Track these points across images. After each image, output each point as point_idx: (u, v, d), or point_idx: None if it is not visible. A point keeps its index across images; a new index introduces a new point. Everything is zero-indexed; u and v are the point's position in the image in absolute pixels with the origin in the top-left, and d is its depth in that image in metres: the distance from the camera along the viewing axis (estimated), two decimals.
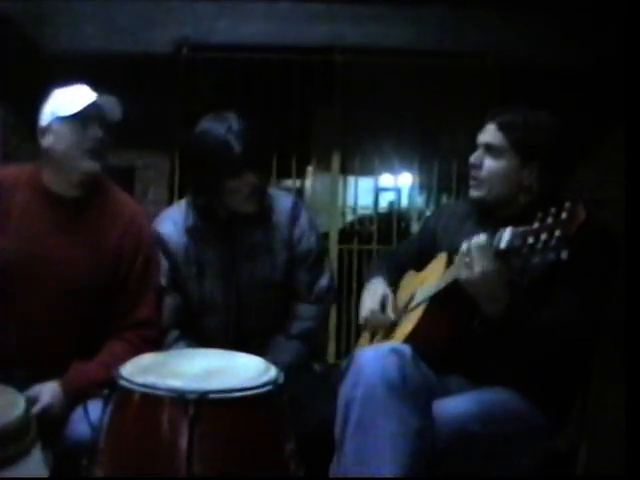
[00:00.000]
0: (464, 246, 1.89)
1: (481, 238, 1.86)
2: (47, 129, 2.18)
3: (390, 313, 2.27)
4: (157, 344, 2.24)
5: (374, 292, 2.37)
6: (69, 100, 2.17)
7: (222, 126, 2.30)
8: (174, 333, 2.41)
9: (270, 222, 2.44)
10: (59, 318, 2.16)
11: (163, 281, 2.39)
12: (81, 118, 2.15)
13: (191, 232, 2.43)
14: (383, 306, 2.30)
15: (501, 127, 2.08)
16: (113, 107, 2.21)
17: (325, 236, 5.18)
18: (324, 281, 2.50)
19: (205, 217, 2.43)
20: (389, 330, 2.27)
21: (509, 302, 1.87)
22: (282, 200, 2.50)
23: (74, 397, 2.04)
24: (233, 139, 2.27)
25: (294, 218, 2.47)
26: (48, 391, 2.01)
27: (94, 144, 2.16)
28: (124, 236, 2.23)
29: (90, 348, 2.15)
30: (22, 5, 4.27)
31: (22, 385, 1.96)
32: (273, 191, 2.53)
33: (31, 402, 1.88)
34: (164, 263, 2.41)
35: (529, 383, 2.00)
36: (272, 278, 2.44)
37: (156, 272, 2.33)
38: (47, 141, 2.18)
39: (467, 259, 1.87)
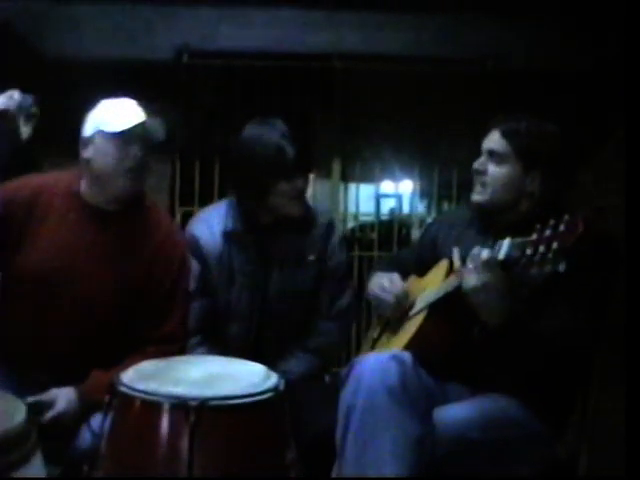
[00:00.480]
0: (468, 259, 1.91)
1: (483, 250, 1.87)
2: (89, 141, 2.17)
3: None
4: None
5: (381, 278, 2.36)
6: (116, 116, 2.15)
7: (274, 131, 2.32)
8: (195, 338, 2.39)
9: (308, 234, 2.46)
10: (83, 327, 2.17)
11: (192, 285, 2.36)
12: (126, 136, 2.14)
13: (229, 237, 2.42)
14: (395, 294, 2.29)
15: (505, 134, 2.09)
16: (158, 128, 2.21)
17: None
18: (346, 299, 2.52)
19: (246, 223, 2.43)
20: (395, 331, 2.26)
21: (509, 312, 1.88)
22: (322, 214, 2.52)
23: (89, 405, 2.03)
24: (287, 144, 2.29)
25: (329, 233, 2.50)
26: (64, 397, 2.02)
27: (135, 163, 2.15)
28: (156, 256, 2.23)
29: (113, 359, 2.14)
30: (22, 10, 4.27)
31: (39, 388, 1.97)
32: (313, 204, 2.55)
33: (47, 405, 1.89)
34: (195, 267, 2.39)
35: (528, 390, 2.01)
36: (300, 291, 2.45)
37: (185, 288, 2.31)
38: (88, 153, 2.17)
39: (468, 270, 1.88)
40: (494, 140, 2.12)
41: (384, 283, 2.31)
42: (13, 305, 2.21)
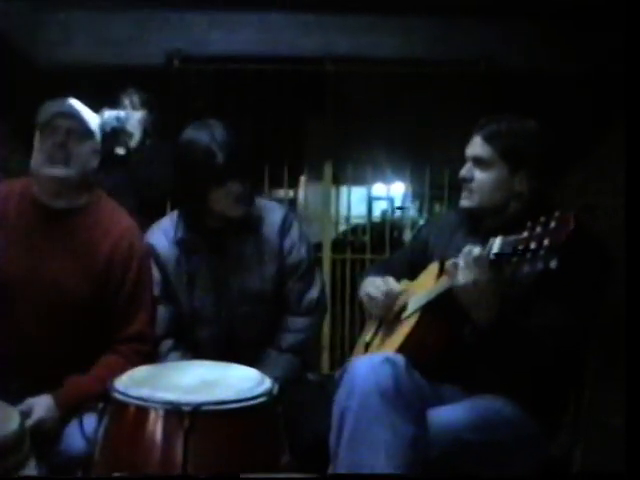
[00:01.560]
0: (458, 257, 1.91)
1: (474, 248, 1.88)
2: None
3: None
4: (151, 358, 2.23)
5: (375, 280, 2.37)
6: (42, 112, 2.20)
7: (206, 135, 2.30)
8: (168, 343, 2.40)
9: (260, 233, 2.45)
10: (50, 330, 2.16)
11: (156, 291, 2.39)
12: (45, 126, 2.18)
13: (181, 244, 2.43)
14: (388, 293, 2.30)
15: (487, 138, 2.10)
16: (89, 119, 2.23)
17: (318, 246, 5.17)
18: (314, 293, 2.50)
19: (194, 228, 2.43)
20: (387, 334, 2.27)
21: (500, 310, 1.88)
22: (273, 211, 2.50)
23: (68, 410, 2.04)
24: (217, 148, 2.27)
25: (285, 229, 2.48)
26: (41, 405, 2.01)
27: (54, 151, 2.17)
28: (114, 252, 2.24)
29: (85, 360, 2.15)
30: (14, 17, 4.27)
31: (17, 397, 1.96)
32: (264, 202, 2.54)
33: (24, 415, 1.89)
34: (156, 274, 2.41)
35: (521, 390, 2.01)
36: (262, 290, 2.44)
37: (149, 288, 2.33)
38: None
39: (459, 268, 1.88)
40: (477, 146, 2.12)
41: (377, 283, 2.32)
42: None
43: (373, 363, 1.88)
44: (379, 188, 5.88)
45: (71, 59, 4.90)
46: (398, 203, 5.85)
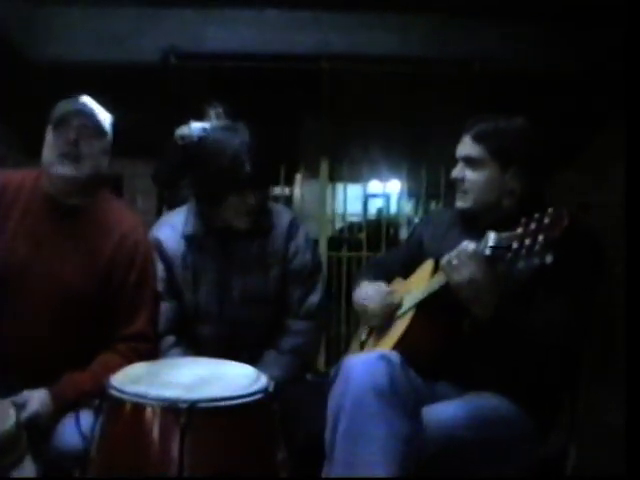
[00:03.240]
0: (452, 252, 1.91)
1: (469, 245, 1.88)
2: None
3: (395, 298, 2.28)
4: (152, 357, 2.23)
5: (368, 289, 2.37)
6: (56, 109, 2.19)
7: (237, 140, 2.32)
8: (169, 339, 2.40)
9: (267, 236, 2.45)
10: (51, 325, 2.16)
11: (159, 287, 2.38)
12: (58, 123, 2.17)
13: (189, 239, 2.43)
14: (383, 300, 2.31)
15: (476, 138, 2.11)
16: (100, 116, 2.22)
17: (314, 244, 5.18)
18: (315, 297, 2.49)
19: (204, 226, 2.43)
20: (382, 332, 2.27)
21: (497, 306, 1.89)
22: (281, 215, 2.51)
23: (63, 406, 2.03)
24: (245, 157, 2.28)
25: (291, 234, 2.48)
26: (37, 398, 2.00)
27: (68, 149, 2.15)
28: (118, 249, 2.23)
29: (84, 357, 2.15)
30: (10, 14, 4.27)
31: (14, 391, 1.96)
32: (273, 206, 2.55)
33: (19, 407, 1.88)
34: (160, 268, 2.40)
35: (517, 388, 2.01)
36: (265, 292, 2.44)
37: (152, 287, 2.31)
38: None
39: (454, 264, 1.89)
40: (467, 146, 2.14)
41: (370, 292, 2.33)
42: None
43: (368, 360, 1.88)
44: (375, 185, 5.90)
45: (67, 56, 4.90)
46: (394, 200, 5.86)
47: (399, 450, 1.77)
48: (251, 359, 2.26)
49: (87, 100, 2.21)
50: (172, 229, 2.46)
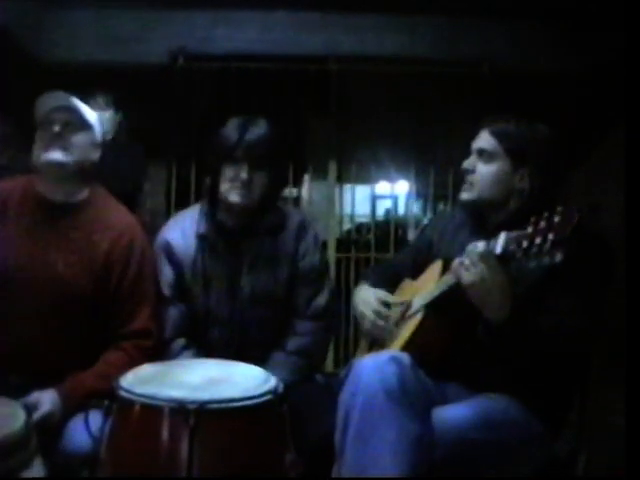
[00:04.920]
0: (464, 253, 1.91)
1: (478, 244, 1.88)
2: None
3: (390, 323, 2.28)
4: (156, 354, 2.23)
5: (365, 300, 2.39)
6: (38, 107, 2.24)
7: (242, 120, 2.39)
8: (180, 342, 2.39)
9: (277, 236, 2.45)
10: (52, 325, 2.16)
11: (168, 290, 2.38)
12: (44, 117, 2.21)
13: (201, 240, 2.42)
14: (379, 313, 2.31)
15: (494, 133, 2.12)
16: (76, 105, 2.24)
17: (322, 245, 5.17)
18: (321, 300, 2.49)
19: (217, 225, 2.43)
20: (388, 338, 2.27)
21: (511, 307, 1.88)
22: (291, 216, 2.51)
23: (71, 406, 2.03)
24: (242, 129, 2.35)
25: (301, 235, 2.49)
26: (48, 398, 2.00)
27: (52, 140, 2.18)
28: (114, 247, 2.24)
29: (87, 356, 2.15)
30: (18, 15, 4.27)
31: (17, 392, 1.96)
32: (285, 207, 2.56)
33: (31, 408, 1.89)
34: (169, 271, 2.40)
35: (527, 390, 2.01)
36: (274, 292, 2.43)
37: (151, 283, 2.32)
38: None
39: (465, 264, 1.88)
40: (483, 139, 2.14)
41: (368, 299, 2.37)
42: None
43: (378, 362, 1.88)
44: (383, 186, 5.89)
45: (75, 57, 4.91)
46: (402, 202, 5.85)
47: (409, 451, 1.77)
48: (260, 360, 2.26)
49: (68, 95, 2.24)
50: (182, 231, 2.45)
